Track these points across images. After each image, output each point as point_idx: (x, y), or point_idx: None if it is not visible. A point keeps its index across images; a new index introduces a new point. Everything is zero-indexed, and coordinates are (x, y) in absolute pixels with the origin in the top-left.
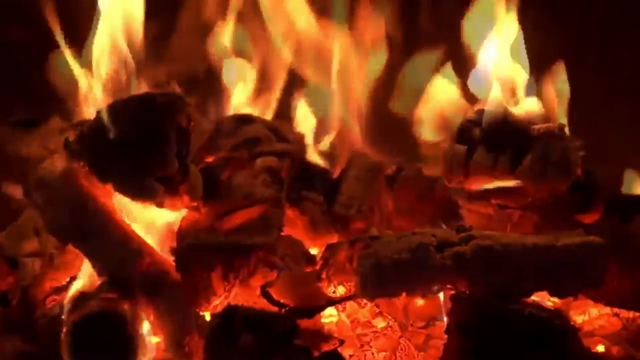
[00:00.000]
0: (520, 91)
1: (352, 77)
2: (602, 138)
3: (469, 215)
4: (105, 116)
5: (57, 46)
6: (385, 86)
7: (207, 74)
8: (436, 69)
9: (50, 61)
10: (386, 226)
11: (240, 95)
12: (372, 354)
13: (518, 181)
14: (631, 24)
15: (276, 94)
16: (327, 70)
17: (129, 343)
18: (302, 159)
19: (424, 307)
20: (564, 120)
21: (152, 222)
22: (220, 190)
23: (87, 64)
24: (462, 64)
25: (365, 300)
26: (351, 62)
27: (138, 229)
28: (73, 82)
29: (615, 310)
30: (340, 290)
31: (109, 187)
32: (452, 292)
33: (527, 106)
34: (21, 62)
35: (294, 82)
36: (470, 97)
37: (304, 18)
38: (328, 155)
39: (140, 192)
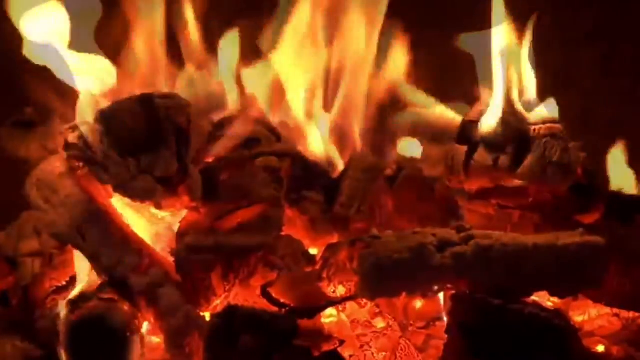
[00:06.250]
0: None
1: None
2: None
3: (469, 215)
4: (104, 117)
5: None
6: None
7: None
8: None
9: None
10: (386, 226)
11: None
12: (372, 354)
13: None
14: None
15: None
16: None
17: (128, 344)
18: (302, 159)
19: (424, 307)
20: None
21: (152, 222)
22: (220, 190)
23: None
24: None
25: (365, 300)
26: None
27: (138, 229)
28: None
29: (615, 310)
30: (340, 290)
31: (109, 187)
32: (452, 292)
33: (528, 106)
34: (21, 62)
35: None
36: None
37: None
38: (328, 155)
39: (139, 192)
